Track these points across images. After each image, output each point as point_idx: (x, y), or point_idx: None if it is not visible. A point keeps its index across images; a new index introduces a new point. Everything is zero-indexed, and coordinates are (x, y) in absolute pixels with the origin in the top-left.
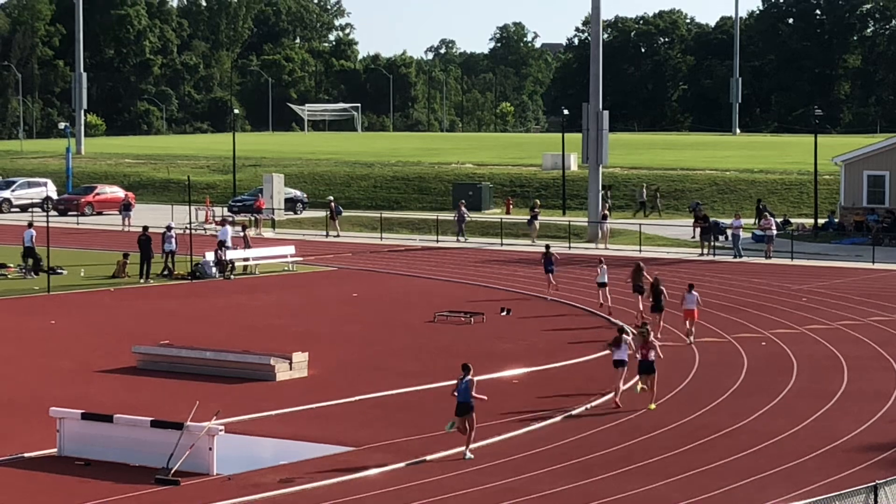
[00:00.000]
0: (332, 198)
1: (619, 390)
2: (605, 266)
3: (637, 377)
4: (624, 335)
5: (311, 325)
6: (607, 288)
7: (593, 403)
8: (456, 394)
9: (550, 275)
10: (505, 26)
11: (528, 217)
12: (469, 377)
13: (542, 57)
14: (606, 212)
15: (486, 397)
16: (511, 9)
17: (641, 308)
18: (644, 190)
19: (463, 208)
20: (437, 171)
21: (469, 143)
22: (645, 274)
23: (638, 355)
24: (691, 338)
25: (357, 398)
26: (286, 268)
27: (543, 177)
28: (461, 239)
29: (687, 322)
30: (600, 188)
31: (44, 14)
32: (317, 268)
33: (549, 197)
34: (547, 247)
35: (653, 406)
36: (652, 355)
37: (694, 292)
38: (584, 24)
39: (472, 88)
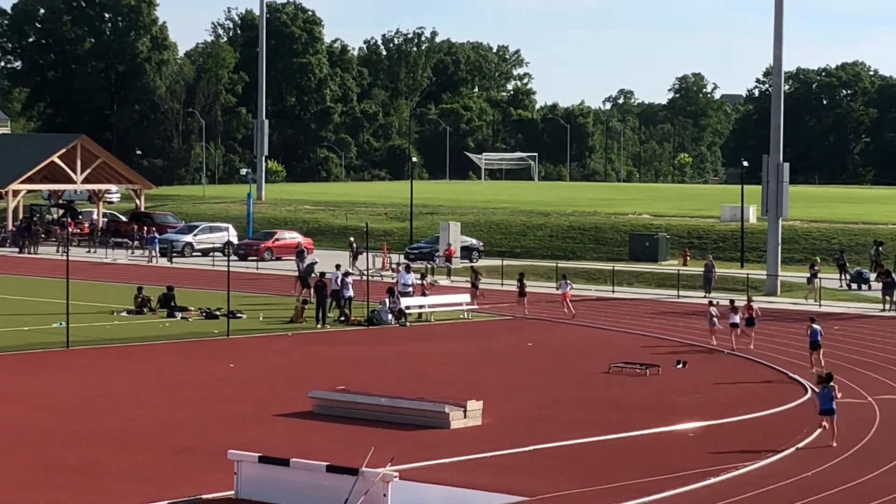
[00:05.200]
0: (352, 238)
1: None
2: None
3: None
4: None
5: (485, 374)
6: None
7: (769, 459)
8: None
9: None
10: (684, 77)
11: (808, 275)
12: (832, 384)
13: (722, 108)
14: (886, 266)
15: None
16: (690, 59)
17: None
18: None
19: (711, 261)
20: (613, 221)
21: (646, 194)
22: (525, 281)
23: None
24: (570, 313)
25: (531, 448)
26: (461, 316)
27: (721, 229)
28: (708, 296)
29: (565, 303)
30: (874, 242)
31: (228, 62)
32: (492, 316)
33: (726, 249)
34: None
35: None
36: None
37: (568, 280)
38: (765, 75)
39: (650, 139)
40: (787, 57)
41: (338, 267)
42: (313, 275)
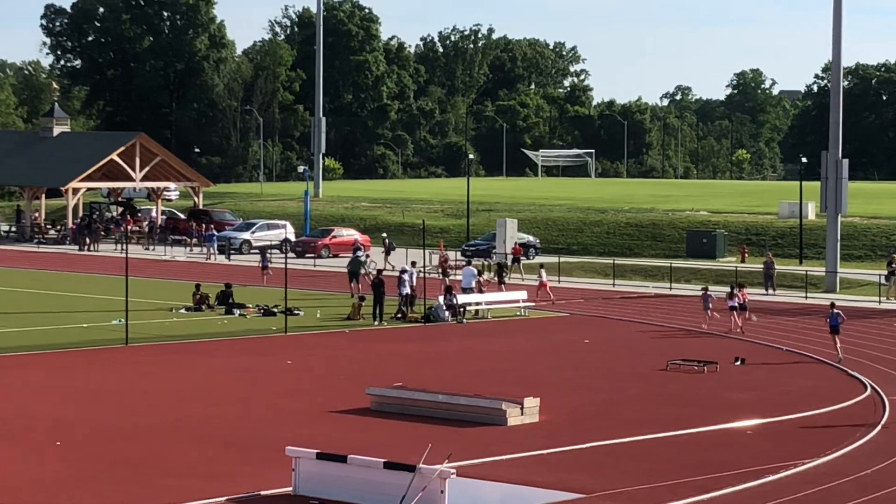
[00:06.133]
0: (385, 234)
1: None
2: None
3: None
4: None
5: (542, 371)
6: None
7: (829, 457)
8: None
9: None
10: (742, 73)
11: (887, 272)
12: None
13: (780, 104)
14: None
15: None
16: (749, 55)
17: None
18: None
19: (771, 258)
20: (670, 218)
21: (704, 191)
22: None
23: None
24: (550, 299)
25: (588, 445)
26: (518, 313)
27: (780, 225)
28: (769, 292)
29: (546, 290)
30: None
31: (285, 60)
32: (548, 313)
33: (785, 246)
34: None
35: None
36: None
37: (542, 271)
38: (824, 70)
39: (708, 135)
40: (845, 52)
41: (413, 264)
42: (363, 271)
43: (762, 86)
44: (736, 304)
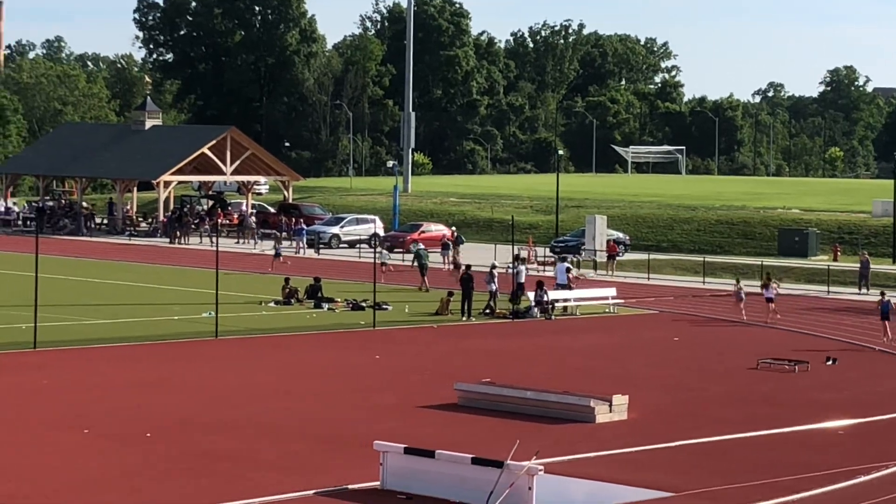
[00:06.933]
0: (454, 228)
1: None
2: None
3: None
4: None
5: (630, 369)
6: None
7: None
8: None
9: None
10: (836, 70)
11: None
12: None
13: (874, 101)
14: None
15: None
16: (842, 52)
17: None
18: None
19: (867, 257)
20: (762, 215)
21: (796, 188)
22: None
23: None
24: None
25: (676, 443)
26: (607, 310)
27: (873, 224)
28: (862, 291)
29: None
30: None
31: (375, 55)
32: (638, 311)
33: (878, 245)
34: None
35: None
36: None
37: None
38: None
39: (800, 132)
40: None
41: (521, 261)
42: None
43: (856, 83)
44: (772, 296)
